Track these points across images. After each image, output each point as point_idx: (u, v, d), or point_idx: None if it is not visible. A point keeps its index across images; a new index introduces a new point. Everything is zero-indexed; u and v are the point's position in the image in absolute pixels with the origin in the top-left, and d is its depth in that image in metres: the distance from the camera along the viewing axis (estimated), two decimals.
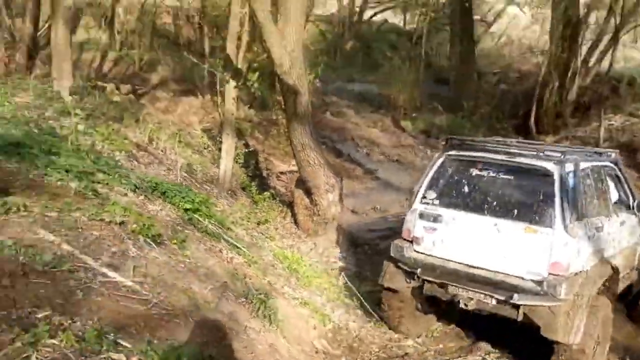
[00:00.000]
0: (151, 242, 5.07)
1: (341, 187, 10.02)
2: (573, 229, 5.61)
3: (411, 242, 6.59)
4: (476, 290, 5.98)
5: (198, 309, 4.44)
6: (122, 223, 5.01)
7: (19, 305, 3.36)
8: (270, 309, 5.62)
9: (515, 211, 5.94)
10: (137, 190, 6.39)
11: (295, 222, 10.33)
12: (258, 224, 9.58)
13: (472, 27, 19.19)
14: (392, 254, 6.73)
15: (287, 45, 8.40)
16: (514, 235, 5.85)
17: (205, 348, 3.85)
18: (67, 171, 5.82)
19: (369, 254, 10.24)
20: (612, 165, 7.25)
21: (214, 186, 9.86)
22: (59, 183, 5.51)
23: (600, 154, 7.39)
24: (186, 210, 6.73)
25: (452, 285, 6.15)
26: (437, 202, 6.45)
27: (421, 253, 6.49)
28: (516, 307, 5.78)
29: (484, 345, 7.10)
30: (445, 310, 7.33)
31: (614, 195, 7.14)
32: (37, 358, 2.76)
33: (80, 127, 7.27)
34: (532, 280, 5.72)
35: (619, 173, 7.36)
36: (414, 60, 19.58)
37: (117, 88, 12.84)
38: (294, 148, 9.28)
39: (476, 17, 21.71)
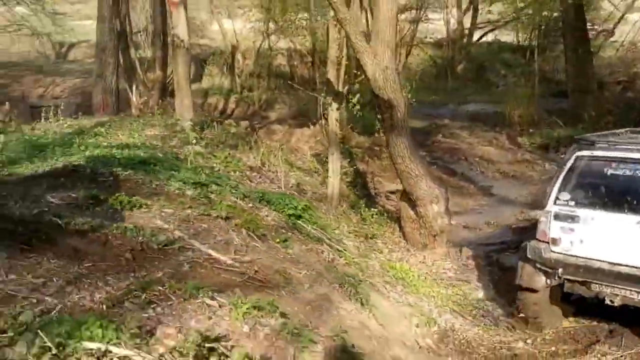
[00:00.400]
0: (254, 235, 5.78)
1: (446, 199, 10.22)
2: None
3: (548, 243, 6.82)
4: (622, 286, 6.17)
5: (291, 286, 5.02)
6: (227, 218, 5.79)
7: (137, 272, 4.15)
8: (361, 294, 6.04)
9: None
10: (245, 198, 7.20)
11: (404, 236, 10.62)
12: (366, 237, 10.04)
13: (587, 38, 18.60)
14: (528, 255, 6.97)
15: (380, 63, 8.97)
16: None
17: (295, 315, 4.38)
18: (184, 182, 6.79)
19: (481, 265, 10.27)
20: None
21: (323, 204, 10.53)
22: (176, 191, 6.46)
23: None
24: (290, 215, 7.42)
25: (596, 283, 6.39)
26: (572, 202, 6.67)
27: (560, 253, 6.71)
28: None
29: (599, 347, 6.99)
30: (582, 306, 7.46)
31: None
32: (145, 297, 3.47)
33: (198, 149, 8.29)
34: None
35: None
36: (528, 76, 19.32)
37: (236, 124, 14.16)
38: (394, 161, 9.72)
39: (595, 26, 21.03)
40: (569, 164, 6.83)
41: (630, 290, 6.07)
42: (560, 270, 6.55)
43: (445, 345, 7.45)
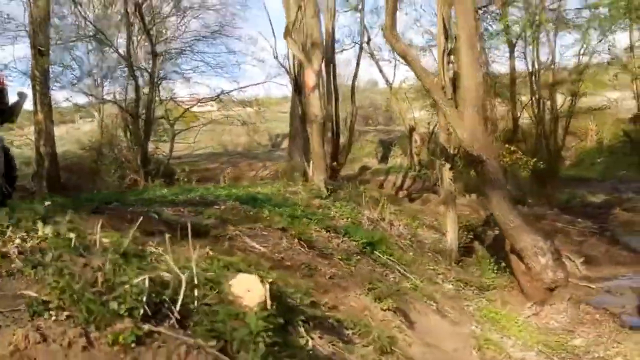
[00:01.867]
0: (304, 244, 7.81)
1: (554, 252, 10.86)
2: None
3: None
4: None
5: (312, 275, 6.87)
6: (284, 229, 7.94)
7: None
8: (395, 301, 7.19)
9: None
10: (328, 230, 9.26)
11: (522, 291, 11.39)
12: (479, 288, 11.08)
13: None
14: None
15: (467, 124, 10.45)
16: None
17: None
18: (280, 214, 9.11)
19: (598, 320, 10.49)
20: None
21: (439, 255, 11.94)
22: (267, 217, 8.79)
23: None
24: (365, 244, 9.16)
25: None
26: None
27: None
28: None
29: None
30: None
31: None
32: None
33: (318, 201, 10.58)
34: None
35: None
36: None
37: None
38: (493, 212, 10.88)
39: None
40: None
41: None
42: None
43: None
